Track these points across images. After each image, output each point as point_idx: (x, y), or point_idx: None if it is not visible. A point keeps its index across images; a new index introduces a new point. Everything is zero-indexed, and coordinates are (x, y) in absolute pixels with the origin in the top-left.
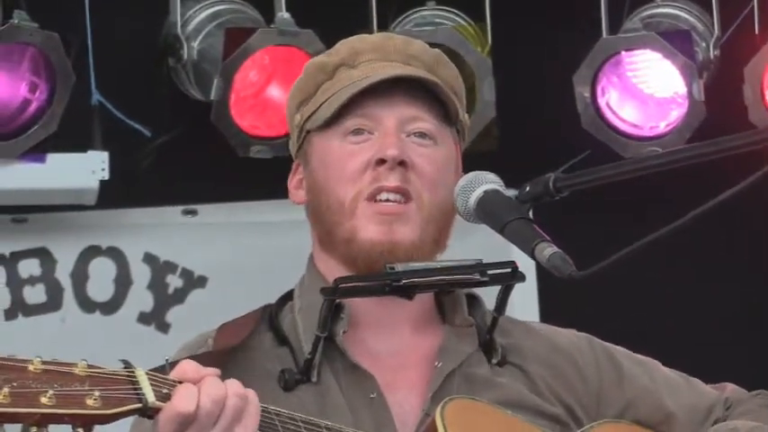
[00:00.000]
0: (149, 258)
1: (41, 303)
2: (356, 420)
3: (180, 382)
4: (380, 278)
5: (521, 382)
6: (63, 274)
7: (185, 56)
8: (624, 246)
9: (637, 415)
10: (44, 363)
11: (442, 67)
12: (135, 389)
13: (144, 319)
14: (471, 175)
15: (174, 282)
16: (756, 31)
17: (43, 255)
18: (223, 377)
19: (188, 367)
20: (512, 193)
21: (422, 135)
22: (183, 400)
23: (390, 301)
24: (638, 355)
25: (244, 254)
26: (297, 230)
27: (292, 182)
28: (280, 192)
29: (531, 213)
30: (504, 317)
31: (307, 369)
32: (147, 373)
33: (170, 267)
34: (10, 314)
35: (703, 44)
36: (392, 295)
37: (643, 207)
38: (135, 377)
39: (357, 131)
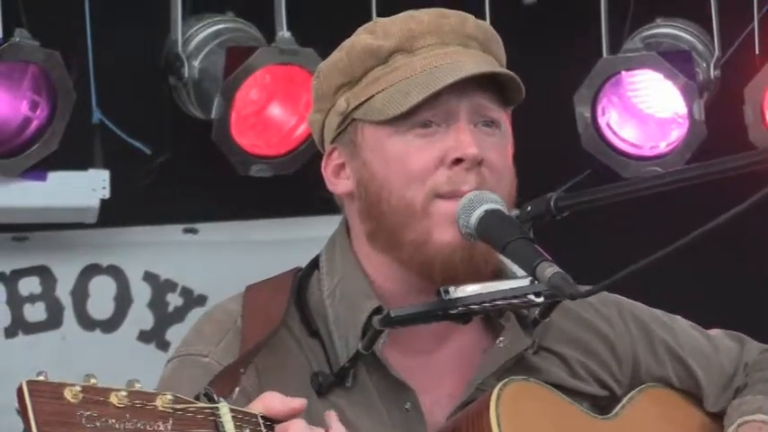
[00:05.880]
0: (149, 277)
1: (42, 321)
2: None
3: (263, 417)
4: (436, 307)
5: (556, 365)
6: (63, 292)
7: (186, 74)
8: (627, 262)
9: (670, 382)
10: (129, 394)
11: (494, 43)
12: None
13: (144, 337)
14: (472, 194)
15: (175, 300)
16: (757, 52)
17: (44, 273)
18: (256, 370)
19: (275, 403)
20: (513, 212)
21: (489, 123)
22: None
23: None
24: (661, 315)
25: (244, 273)
26: (297, 249)
27: (328, 168)
28: (280, 210)
29: (531, 233)
30: None
31: (342, 375)
32: (230, 410)
33: (170, 286)
34: (10, 332)
35: (704, 64)
36: (446, 321)
37: (644, 223)
38: (219, 415)
39: (425, 124)
